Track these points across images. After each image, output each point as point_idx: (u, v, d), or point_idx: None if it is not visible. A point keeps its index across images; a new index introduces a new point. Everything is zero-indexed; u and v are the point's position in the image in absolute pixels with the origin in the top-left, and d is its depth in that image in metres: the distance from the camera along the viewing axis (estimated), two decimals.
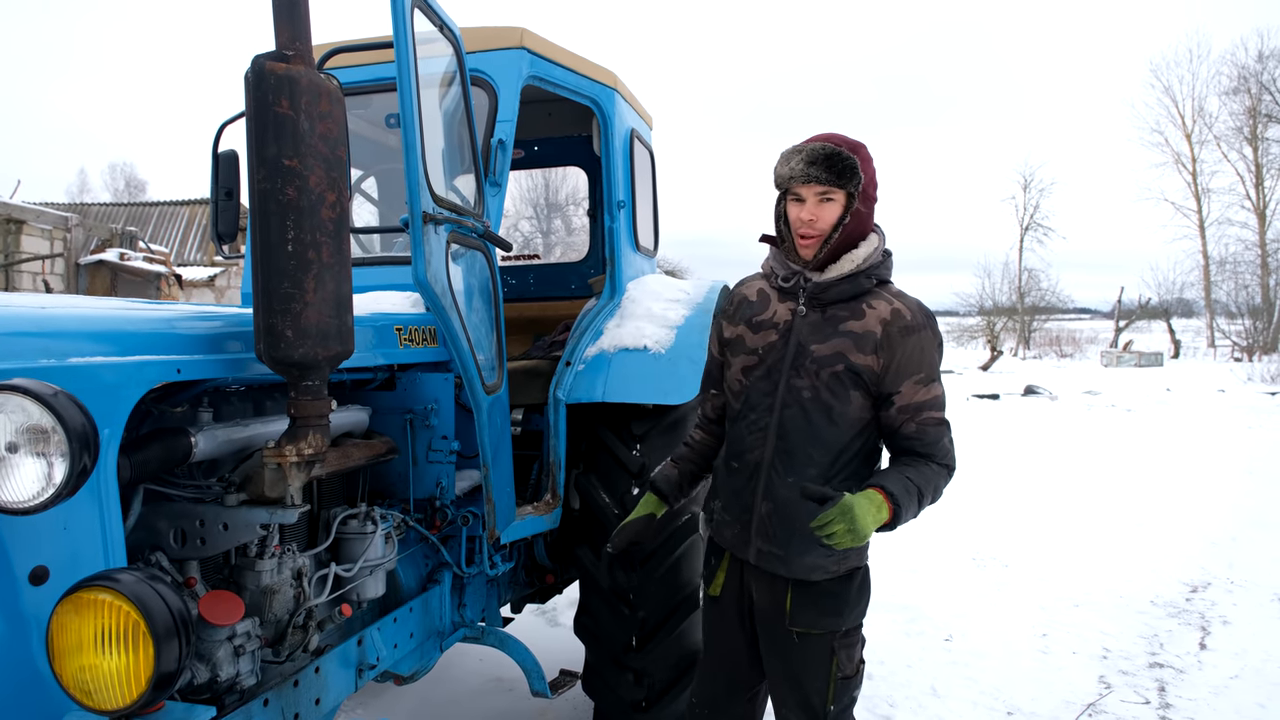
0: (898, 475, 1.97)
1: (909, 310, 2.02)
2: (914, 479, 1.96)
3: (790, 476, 2.04)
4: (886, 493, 1.90)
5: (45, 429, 1.27)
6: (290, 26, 1.69)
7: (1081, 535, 6.65)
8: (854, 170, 1.96)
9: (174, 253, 20.61)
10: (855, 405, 2.01)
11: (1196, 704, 3.80)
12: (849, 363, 1.99)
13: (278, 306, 1.65)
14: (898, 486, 1.93)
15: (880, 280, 2.07)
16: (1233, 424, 13.38)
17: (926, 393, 2.00)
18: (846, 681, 2.10)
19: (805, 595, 2.07)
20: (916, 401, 1.99)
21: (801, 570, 2.05)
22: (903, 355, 1.98)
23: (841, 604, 2.07)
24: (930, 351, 2.02)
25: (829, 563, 2.05)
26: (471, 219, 2.42)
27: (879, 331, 1.99)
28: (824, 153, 1.96)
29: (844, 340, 2.00)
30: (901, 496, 1.91)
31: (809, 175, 1.96)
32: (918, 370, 1.99)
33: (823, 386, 2.01)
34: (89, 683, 1.33)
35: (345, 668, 2.18)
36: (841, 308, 2.04)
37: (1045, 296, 41.44)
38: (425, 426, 2.54)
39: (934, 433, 2.01)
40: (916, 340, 1.99)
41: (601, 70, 3.51)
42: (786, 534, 2.06)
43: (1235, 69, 35.67)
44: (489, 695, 3.87)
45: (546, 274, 4.96)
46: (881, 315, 2.01)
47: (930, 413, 2.01)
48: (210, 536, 1.82)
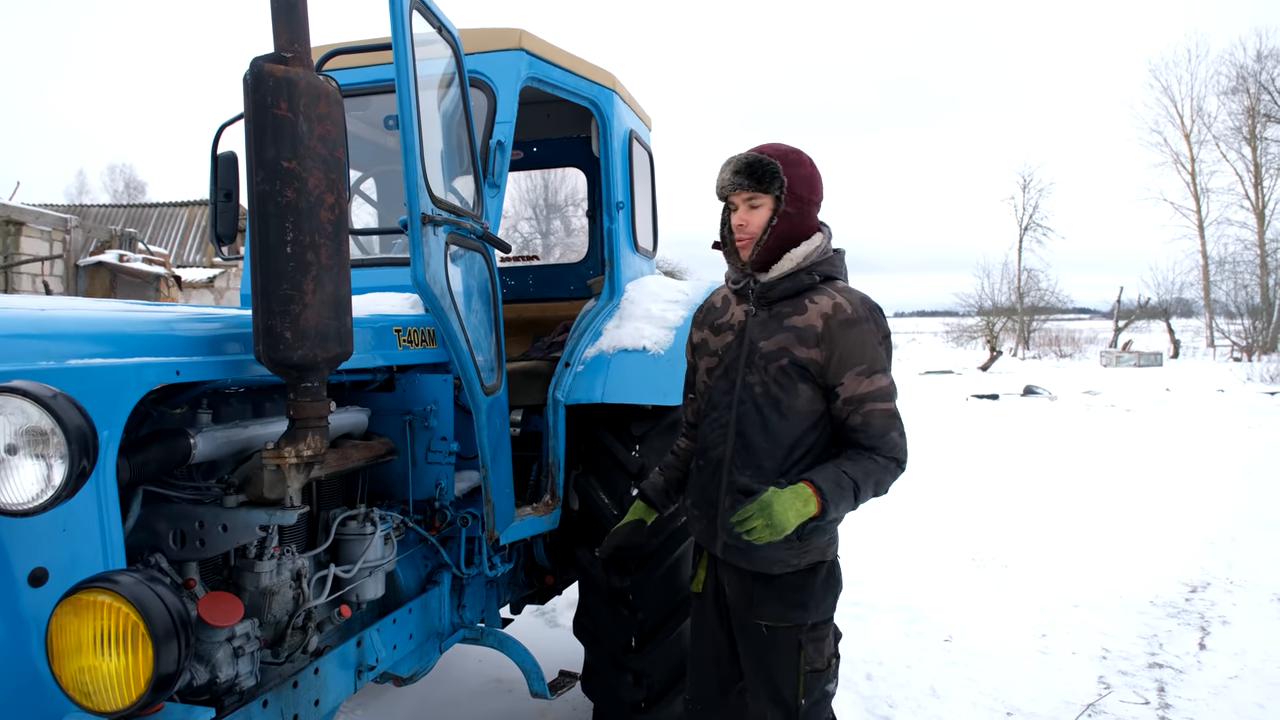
0: (832, 469, 2.01)
1: (850, 304, 2.07)
2: (850, 471, 2.00)
3: (747, 470, 2.12)
4: (815, 486, 1.96)
5: (44, 431, 1.27)
6: (289, 28, 1.69)
7: (1081, 535, 6.65)
8: (774, 175, 2.08)
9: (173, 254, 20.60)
10: (804, 398, 2.07)
11: (1196, 704, 3.80)
12: (792, 356, 2.07)
13: (277, 308, 1.66)
14: (828, 480, 1.98)
15: (827, 277, 2.14)
16: (1232, 424, 13.38)
17: (870, 384, 2.04)
18: (817, 675, 2.12)
19: (769, 588, 2.12)
20: (860, 393, 2.03)
21: (762, 564, 2.11)
22: (844, 348, 2.04)
23: (806, 597, 2.10)
24: (872, 344, 2.05)
25: (789, 556, 2.09)
26: (470, 220, 2.42)
27: (820, 325, 2.06)
28: (746, 161, 2.10)
29: (787, 335, 2.08)
30: (830, 490, 1.96)
31: (735, 183, 2.12)
32: (859, 362, 2.03)
33: (771, 381, 2.09)
34: (88, 684, 1.33)
35: (344, 669, 2.18)
36: (786, 304, 2.12)
37: (1044, 296, 41.45)
38: (424, 428, 2.54)
39: (879, 424, 2.04)
40: (857, 333, 2.04)
41: (600, 71, 3.52)
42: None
43: (1234, 69, 35.72)
44: (488, 696, 3.87)
45: (545, 275, 4.96)
46: (823, 310, 2.07)
47: (874, 404, 2.04)
48: (209, 538, 1.82)
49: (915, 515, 7.15)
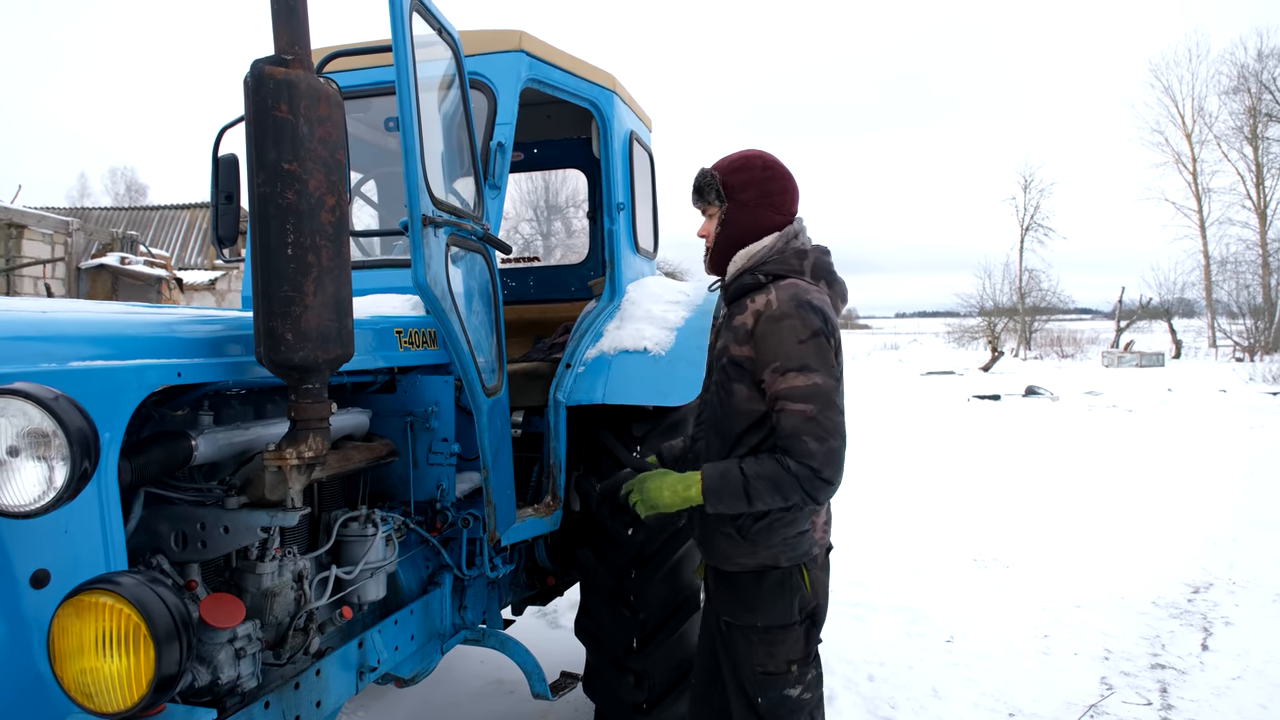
0: (729, 463, 2.04)
1: (779, 301, 2.05)
2: (746, 469, 1.99)
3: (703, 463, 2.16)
4: (702, 475, 2.04)
5: (46, 433, 1.27)
6: (289, 30, 1.69)
7: (1083, 536, 6.65)
8: (710, 185, 2.20)
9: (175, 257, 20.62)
10: (740, 396, 2.10)
11: (1198, 705, 3.79)
12: (730, 355, 2.12)
13: (278, 310, 1.66)
14: (714, 471, 2.03)
15: (775, 275, 2.12)
16: (1234, 424, 13.36)
17: (783, 381, 1.98)
18: (770, 678, 2.10)
19: (723, 584, 2.19)
20: (775, 390, 2.00)
21: (713, 558, 2.19)
22: (764, 344, 2.04)
23: (754, 600, 2.11)
24: (790, 340, 1.99)
25: (736, 554, 2.12)
26: (471, 222, 2.42)
27: (750, 322, 2.09)
28: (696, 178, 2.24)
29: (729, 334, 2.15)
30: (712, 480, 2.02)
31: (693, 200, 2.27)
32: (774, 359, 2.01)
33: (721, 378, 2.16)
34: (90, 685, 1.33)
35: (346, 670, 2.18)
36: (736, 305, 2.18)
37: (1046, 297, 41.40)
38: (425, 429, 2.54)
39: (789, 425, 1.96)
40: (776, 328, 2.01)
41: (600, 72, 3.52)
42: (700, 519, 2.21)
43: (1235, 68, 35.68)
44: (490, 697, 3.87)
45: (546, 276, 4.96)
46: (756, 308, 2.09)
47: (786, 403, 1.97)
48: (211, 539, 1.82)
49: (917, 516, 7.15)
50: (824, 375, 1.98)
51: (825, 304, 2.07)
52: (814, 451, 1.93)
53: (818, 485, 1.95)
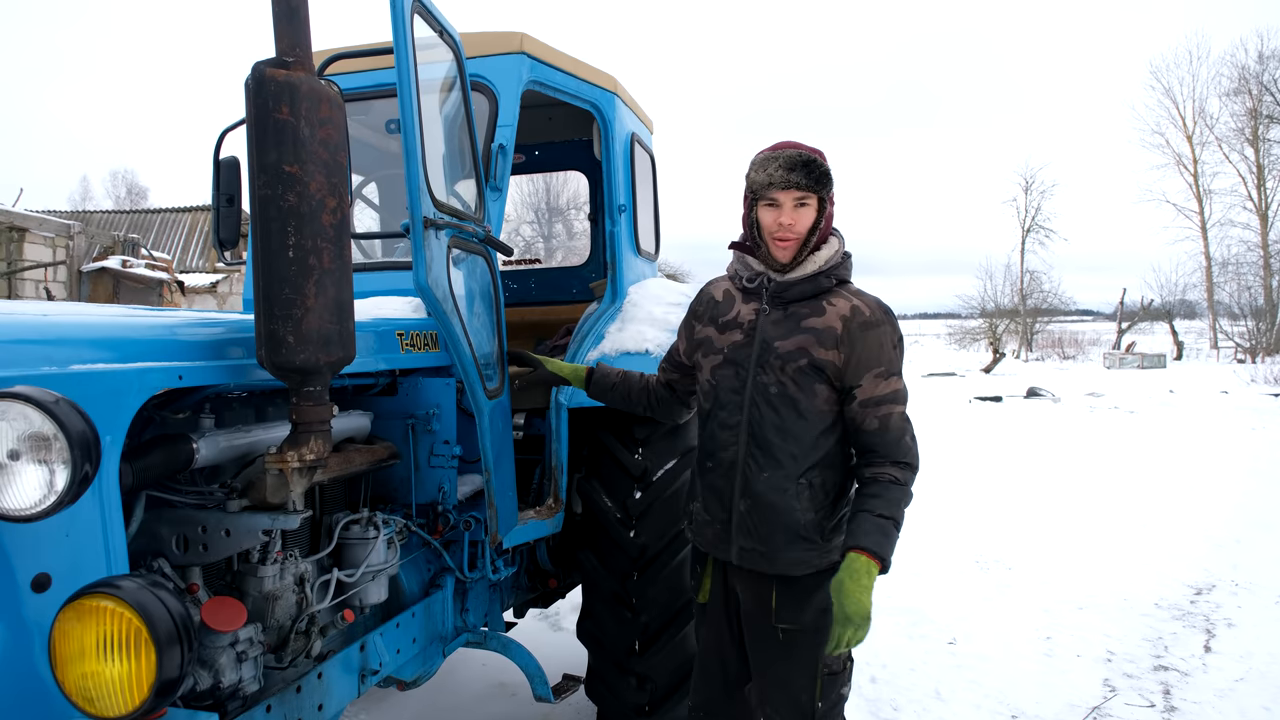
0: (867, 520, 1.99)
1: (868, 307, 2.09)
2: (883, 511, 1.99)
3: (766, 472, 2.11)
4: (864, 550, 1.96)
5: (47, 436, 1.27)
6: (290, 33, 1.69)
7: (1085, 538, 6.64)
8: (829, 177, 2.09)
9: (176, 260, 20.63)
10: (821, 398, 2.08)
11: (1201, 707, 3.78)
12: (812, 357, 2.06)
13: (279, 312, 1.66)
14: (871, 536, 1.97)
15: (840, 280, 2.15)
16: (1236, 425, 13.35)
17: (887, 386, 2.05)
18: (833, 678, 2.13)
19: (790, 591, 2.12)
20: (878, 395, 2.04)
21: (784, 566, 2.11)
22: (863, 349, 2.05)
23: (826, 598, 2.09)
24: (889, 346, 2.07)
25: (811, 557, 2.10)
26: (472, 224, 2.42)
27: (839, 327, 2.06)
28: (801, 159, 2.06)
29: (807, 336, 2.08)
30: (880, 544, 1.97)
31: (788, 181, 2.05)
32: (877, 364, 2.04)
33: (789, 381, 2.09)
34: (91, 690, 1.33)
35: (348, 673, 2.17)
36: (803, 305, 2.12)
37: (1047, 298, 41.39)
38: (427, 431, 2.54)
39: (896, 428, 2.05)
40: (876, 335, 2.06)
41: (602, 74, 3.52)
42: (767, 530, 2.12)
43: (1235, 70, 35.69)
44: (492, 700, 3.86)
45: (547, 278, 4.96)
46: (841, 311, 2.08)
47: (892, 406, 2.05)
48: (212, 542, 1.82)
49: (919, 517, 7.11)
50: (904, 378, 2.11)
51: None
52: (913, 449, 2.07)
53: (913, 479, 2.07)
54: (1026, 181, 43.19)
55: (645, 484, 3.01)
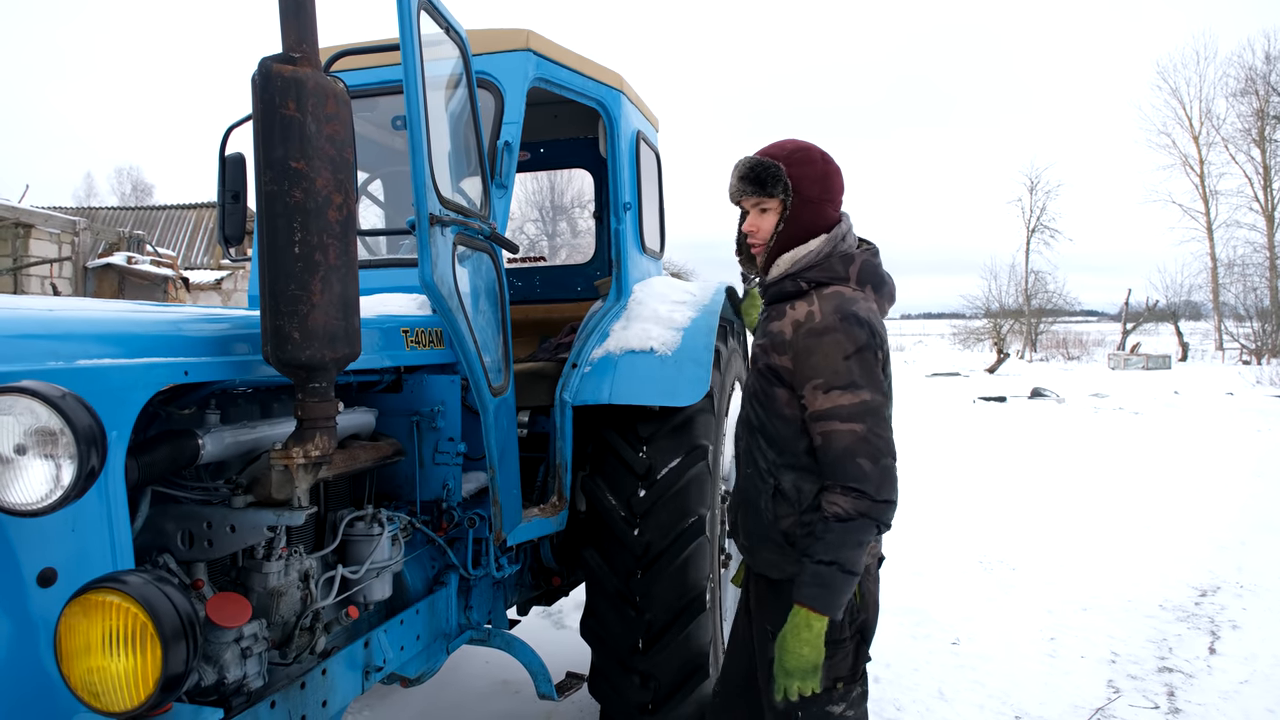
0: (808, 568, 1.89)
1: (821, 313, 1.95)
2: (823, 555, 1.87)
3: (747, 470, 2.13)
4: (803, 604, 1.87)
5: (53, 431, 1.27)
6: (297, 28, 1.69)
7: (1089, 539, 6.62)
8: (777, 178, 2.02)
9: (181, 256, 20.67)
10: (781, 402, 2.04)
11: (1206, 709, 3.77)
12: (768, 361, 2.06)
13: (284, 308, 1.65)
14: (807, 589, 1.87)
15: (818, 283, 2.02)
16: (1241, 427, 13.31)
17: (827, 400, 1.89)
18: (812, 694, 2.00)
19: (770, 592, 2.12)
20: (818, 409, 1.91)
21: (761, 565, 2.12)
22: (805, 358, 1.94)
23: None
24: (834, 356, 1.90)
25: (784, 562, 2.04)
26: (478, 221, 2.42)
27: (789, 333, 2.00)
28: (749, 165, 2.05)
29: (767, 339, 2.08)
30: (816, 596, 1.86)
31: (741, 190, 2.07)
32: (817, 375, 1.92)
33: (757, 382, 2.11)
34: (97, 684, 1.33)
35: (352, 670, 2.18)
36: (774, 309, 2.11)
37: (1052, 299, 41.30)
38: (432, 428, 2.54)
39: (839, 445, 1.87)
40: (819, 343, 1.92)
41: (607, 72, 3.52)
42: (748, 527, 2.15)
43: (1243, 70, 35.55)
44: (495, 697, 3.87)
45: (552, 276, 4.96)
46: (796, 317, 2.00)
47: (834, 423, 1.88)
48: (217, 538, 1.82)
49: (922, 518, 7.12)
50: (871, 391, 1.90)
51: (872, 313, 1.97)
52: (868, 473, 1.85)
53: (880, 509, 1.87)
54: (1032, 181, 43.07)
55: (649, 482, 3.00)
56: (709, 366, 3.14)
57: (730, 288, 3.75)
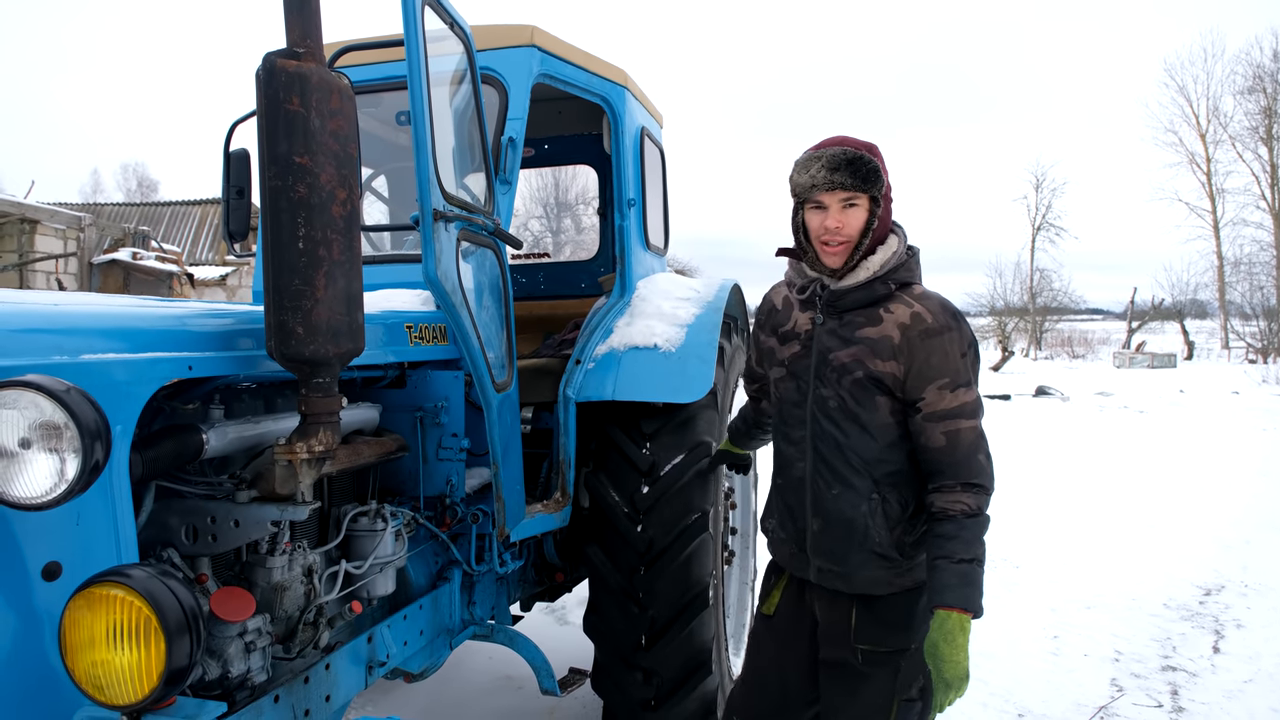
0: (947, 571, 1.84)
1: (930, 312, 1.92)
2: (964, 554, 1.83)
3: (835, 489, 2.00)
4: (947, 605, 1.82)
5: (58, 425, 1.27)
6: (301, 24, 1.69)
7: (1093, 537, 6.61)
8: (877, 174, 1.91)
9: (186, 252, 20.72)
10: (884, 412, 1.95)
11: (1209, 708, 3.77)
12: (868, 370, 1.93)
13: (288, 303, 1.66)
14: (956, 591, 1.82)
15: (902, 283, 1.98)
16: (1246, 426, 13.28)
17: (954, 399, 1.88)
18: (909, 705, 2.00)
19: (869, 612, 2.01)
20: (943, 409, 1.88)
21: (862, 585, 1.99)
22: (924, 359, 1.89)
23: (909, 619, 2.00)
24: (955, 355, 1.89)
25: (891, 576, 1.98)
26: (482, 217, 2.42)
27: (897, 337, 1.92)
28: (846, 158, 1.90)
29: (861, 347, 1.95)
30: (964, 595, 1.82)
31: (833, 182, 1.90)
32: (941, 375, 1.88)
33: (847, 395, 1.96)
34: (101, 678, 1.33)
35: (355, 665, 2.18)
36: (858, 314, 1.98)
37: (1057, 297, 41.26)
38: (435, 424, 2.54)
39: (966, 445, 1.87)
40: (939, 343, 1.89)
41: (612, 68, 3.51)
42: (842, 549, 2.01)
43: (1250, 68, 35.45)
44: (498, 693, 3.87)
45: (556, 272, 4.96)
46: (900, 320, 1.93)
47: (960, 421, 1.87)
48: (221, 533, 1.82)
49: None
50: (978, 389, 1.93)
51: None
52: (986, 468, 1.89)
53: (988, 503, 1.90)
54: (1037, 179, 43.03)
55: (653, 478, 3.00)
56: (713, 363, 3.14)
57: (735, 284, 3.75)
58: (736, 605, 3.94)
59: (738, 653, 3.74)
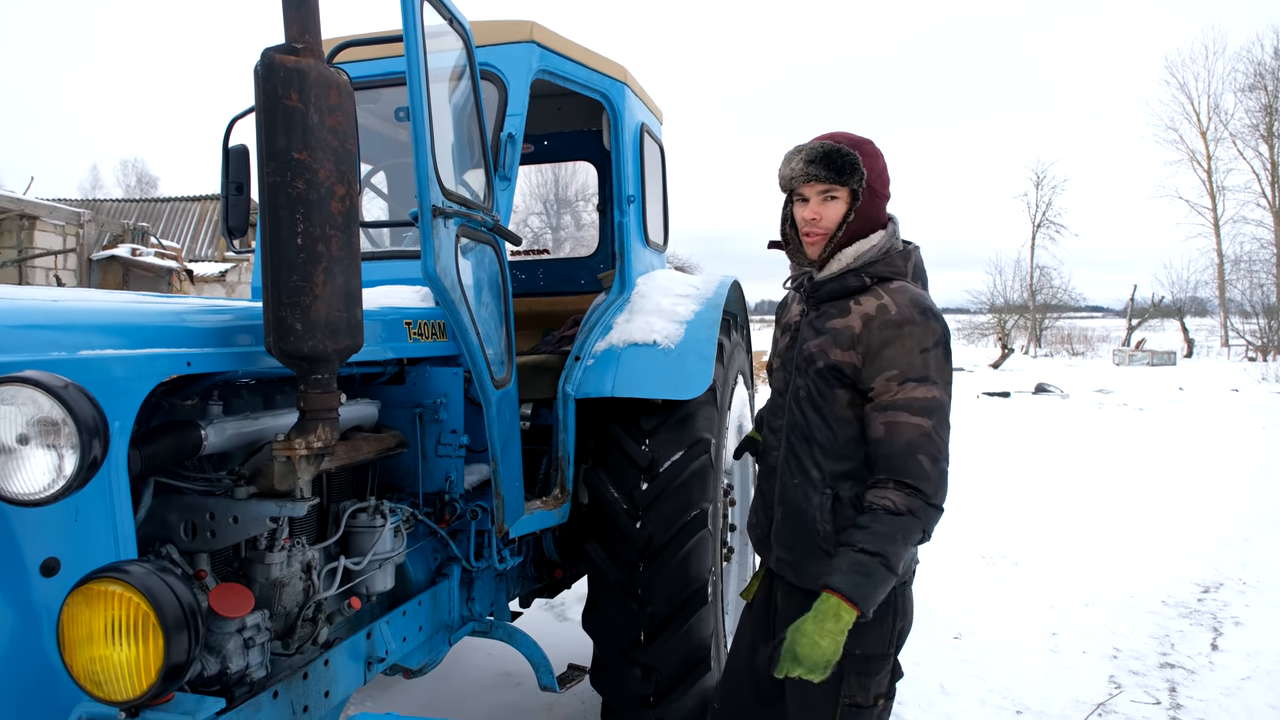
0: (847, 556, 1.78)
1: (896, 305, 1.90)
2: (868, 545, 1.77)
3: (795, 479, 2.01)
4: (835, 591, 1.75)
5: (56, 421, 1.27)
6: (300, 19, 1.68)
7: (1092, 534, 6.62)
8: (855, 166, 1.93)
9: (185, 248, 20.70)
10: (842, 404, 1.95)
11: (1208, 705, 3.77)
12: (828, 359, 1.95)
13: (287, 299, 1.65)
14: (846, 577, 1.75)
15: (881, 278, 1.98)
16: (1246, 424, 13.29)
17: (901, 392, 1.83)
18: (855, 710, 1.95)
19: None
20: (887, 400, 1.85)
21: (810, 580, 1.96)
22: (879, 349, 1.88)
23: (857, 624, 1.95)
24: (913, 349, 1.85)
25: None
26: (481, 213, 2.41)
27: (858, 327, 1.93)
28: (823, 150, 1.94)
29: (826, 338, 1.98)
30: (858, 585, 1.74)
31: (809, 174, 1.95)
32: (892, 367, 1.85)
33: (813, 385, 1.99)
34: (99, 674, 1.33)
35: (354, 661, 2.18)
36: (831, 305, 2.01)
37: (1057, 294, 41.26)
38: (434, 421, 2.54)
39: (903, 439, 1.81)
40: (897, 334, 1.87)
41: (612, 64, 3.50)
42: (795, 540, 2.02)
43: (1251, 65, 35.43)
44: (497, 689, 3.88)
45: (556, 269, 4.96)
46: (866, 311, 1.93)
47: (902, 415, 1.82)
48: (220, 529, 1.82)
49: None
50: (942, 390, 1.87)
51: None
52: (928, 473, 1.81)
53: (931, 515, 1.83)
54: (1038, 176, 43.01)
55: (652, 475, 3.01)
56: (712, 360, 3.14)
57: (735, 281, 3.75)
58: (735, 601, 3.94)
59: None
